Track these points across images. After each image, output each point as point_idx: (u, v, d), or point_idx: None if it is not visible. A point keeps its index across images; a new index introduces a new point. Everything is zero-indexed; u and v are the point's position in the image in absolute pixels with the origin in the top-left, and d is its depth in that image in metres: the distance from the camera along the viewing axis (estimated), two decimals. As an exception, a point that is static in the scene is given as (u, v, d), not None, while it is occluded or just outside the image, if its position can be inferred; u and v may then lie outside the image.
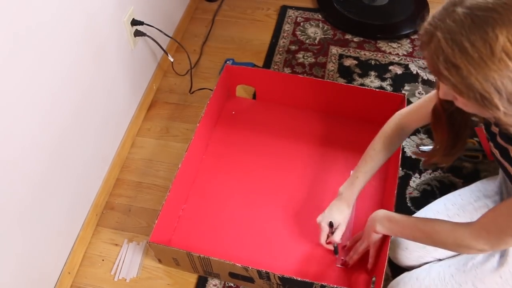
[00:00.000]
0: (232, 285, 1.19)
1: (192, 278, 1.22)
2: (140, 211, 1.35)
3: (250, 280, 1.11)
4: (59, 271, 1.19)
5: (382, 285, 1.01)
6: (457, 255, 1.02)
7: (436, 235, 0.91)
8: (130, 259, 1.25)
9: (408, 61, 1.71)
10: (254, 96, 1.59)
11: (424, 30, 0.69)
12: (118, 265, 1.25)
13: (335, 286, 1.00)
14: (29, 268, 1.06)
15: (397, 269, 1.15)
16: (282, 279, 1.04)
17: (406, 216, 1.01)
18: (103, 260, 1.27)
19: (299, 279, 1.03)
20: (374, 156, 1.10)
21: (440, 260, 1.05)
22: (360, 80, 1.66)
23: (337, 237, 1.13)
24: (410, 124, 1.08)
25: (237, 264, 1.05)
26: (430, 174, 1.38)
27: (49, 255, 1.14)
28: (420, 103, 1.03)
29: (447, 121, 0.87)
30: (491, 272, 0.93)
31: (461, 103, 0.73)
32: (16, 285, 1.02)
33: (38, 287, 1.11)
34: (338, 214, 1.12)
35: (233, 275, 1.12)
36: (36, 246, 1.07)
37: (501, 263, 0.93)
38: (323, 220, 1.14)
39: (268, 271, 1.03)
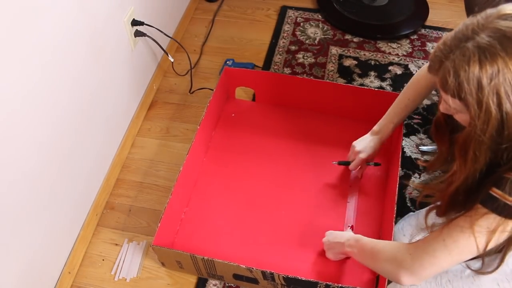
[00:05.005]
0: (233, 285, 1.20)
1: (192, 278, 1.22)
2: (140, 211, 1.36)
3: (254, 281, 1.12)
4: (59, 271, 1.20)
5: (386, 285, 1.01)
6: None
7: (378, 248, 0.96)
8: (130, 259, 1.26)
9: (407, 61, 1.71)
10: (253, 98, 1.59)
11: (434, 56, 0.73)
12: (118, 265, 1.25)
13: (340, 285, 1.00)
14: (29, 268, 1.06)
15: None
16: (287, 279, 1.04)
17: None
18: (103, 260, 1.27)
19: (303, 278, 1.03)
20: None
21: None
22: (360, 80, 1.66)
23: (352, 166, 1.29)
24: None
25: (242, 266, 1.05)
26: (429, 174, 1.38)
27: (49, 255, 1.15)
28: None
29: (448, 131, 0.89)
30: (489, 280, 0.93)
31: (460, 119, 0.75)
32: (17, 284, 1.02)
33: (38, 287, 1.12)
34: (360, 142, 1.27)
35: (237, 277, 1.12)
36: (36, 246, 1.08)
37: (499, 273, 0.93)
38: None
39: (273, 271, 1.03)
